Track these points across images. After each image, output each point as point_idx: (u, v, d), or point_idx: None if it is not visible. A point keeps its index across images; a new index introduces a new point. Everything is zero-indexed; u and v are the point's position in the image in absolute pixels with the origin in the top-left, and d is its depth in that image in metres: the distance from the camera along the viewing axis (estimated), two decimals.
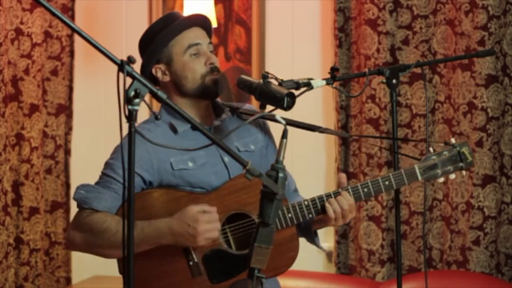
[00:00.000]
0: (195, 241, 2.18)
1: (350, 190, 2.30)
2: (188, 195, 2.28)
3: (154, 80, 2.40)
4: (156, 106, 3.62)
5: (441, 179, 2.36)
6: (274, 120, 2.22)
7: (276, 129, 2.27)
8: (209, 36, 2.42)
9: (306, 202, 2.29)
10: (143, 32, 2.45)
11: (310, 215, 2.30)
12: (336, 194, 2.29)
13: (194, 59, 2.35)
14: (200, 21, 2.40)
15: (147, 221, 2.20)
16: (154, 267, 2.25)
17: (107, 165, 2.33)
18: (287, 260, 2.32)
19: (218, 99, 2.45)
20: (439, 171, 2.34)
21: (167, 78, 2.37)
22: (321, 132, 2.50)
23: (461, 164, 2.35)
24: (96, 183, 2.31)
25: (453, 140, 2.38)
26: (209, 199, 2.28)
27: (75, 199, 2.29)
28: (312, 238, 2.43)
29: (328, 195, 2.29)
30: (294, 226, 2.31)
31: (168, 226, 2.19)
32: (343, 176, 2.37)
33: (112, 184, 2.27)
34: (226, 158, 2.35)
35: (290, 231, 2.30)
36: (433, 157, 2.34)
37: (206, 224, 2.18)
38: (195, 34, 2.37)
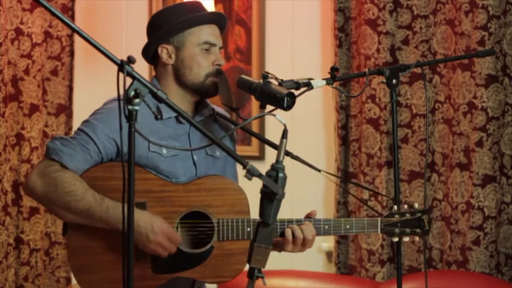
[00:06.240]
0: (146, 245, 2.21)
1: (312, 222, 2.33)
2: (157, 179, 2.30)
3: (154, 58, 2.42)
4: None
5: (396, 239, 2.42)
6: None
7: (276, 129, 2.27)
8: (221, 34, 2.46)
9: None
10: (160, 9, 2.46)
11: None
12: (299, 222, 2.32)
13: (204, 54, 2.37)
14: (220, 20, 2.44)
15: (114, 202, 2.20)
16: (101, 240, 2.26)
17: (89, 123, 2.32)
18: (232, 271, 2.33)
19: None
20: (397, 230, 2.40)
21: (170, 61, 2.39)
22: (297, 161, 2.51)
23: (418, 230, 2.42)
24: (72, 138, 2.29)
25: (416, 205, 2.43)
26: (176, 189, 2.30)
27: (48, 146, 2.27)
28: None
29: (290, 222, 2.32)
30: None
31: (134, 217, 2.19)
32: (314, 213, 2.40)
33: (89, 144, 2.26)
34: (196, 157, 2.38)
35: (245, 244, 2.27)
36: (396, 215, 2.41)
37: (166, 241, 2.23)
38: (213, 33, 2.40)
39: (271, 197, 1.77)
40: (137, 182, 2.23)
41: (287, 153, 2.46)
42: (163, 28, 2.37)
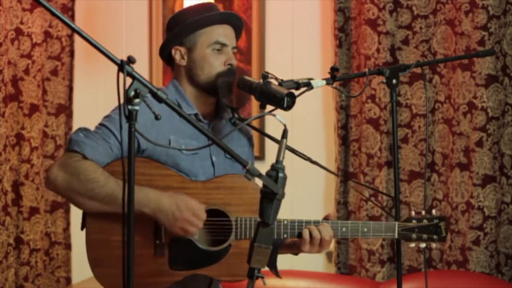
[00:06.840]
0: (173, 224, 2.21)
1: (329, 224, 2.33)
2: (176, 176, 2.31)
3: (170, 60, 2.43)
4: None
5: (413, 244, 2.41)
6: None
7: (276, 129, 2.27)
8: (237, 37, 2.45)
9: (285, 222, 2.31)
10: (177, 12, 2.48)
11: (285, 235, 2.32)
12: (316, 223, 2.32)
13: (215, 54, 2.37)
14: (234, 20, 2.43)
15: (137, 186, 2.17)
16: (120, 234, 2.23)
17: (110, 118, 2.33)
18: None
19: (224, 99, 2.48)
20: (414, 235, 2.40)
21: (183, 63, 2.40)
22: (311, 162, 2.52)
23: (435, 236, 2.42)
24: (94, 132, 2.30)
25: (434, 212, 2.43)
26: (195, 187, 2.31)
27: (71, 137, 2.28)
28: (273, 262, 2.42)
29: (308, 222, 2.32)
30: None
31: (157, 198, 2.21)
32: (332, 214, 2.39)
33: (110, 138, 2.27)
34: (215, 158, 2.39)
35: None
36: (414, 220, 2.41)
37: (192, 216, 2.22)
38: (225, 33, 2.40)
39: (271, 197, 1.77)
40: (156, 178, 2.27)
41: (306, 158, 2.47)
42: (175, 30, 2.38)
